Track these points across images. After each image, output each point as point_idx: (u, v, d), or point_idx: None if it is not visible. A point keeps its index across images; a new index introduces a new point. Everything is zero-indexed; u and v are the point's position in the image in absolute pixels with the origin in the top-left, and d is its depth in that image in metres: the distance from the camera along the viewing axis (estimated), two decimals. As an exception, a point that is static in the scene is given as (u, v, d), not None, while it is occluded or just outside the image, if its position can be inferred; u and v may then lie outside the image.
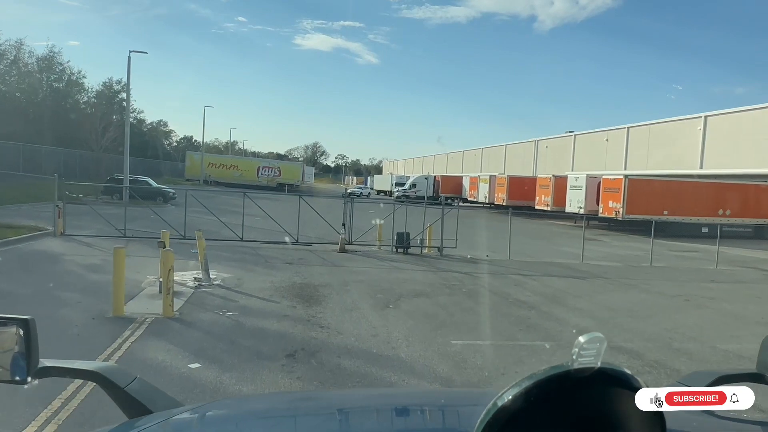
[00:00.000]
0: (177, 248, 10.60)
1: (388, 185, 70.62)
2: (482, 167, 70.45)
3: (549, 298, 10.82)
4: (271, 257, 13.86)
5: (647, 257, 19.94)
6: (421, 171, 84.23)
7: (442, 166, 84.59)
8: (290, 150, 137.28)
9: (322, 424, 1.36)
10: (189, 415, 1.35)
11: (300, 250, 15.43)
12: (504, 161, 68.11)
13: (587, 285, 12.86)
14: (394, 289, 10.71)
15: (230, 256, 13.53)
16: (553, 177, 36.49)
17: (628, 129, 48.37)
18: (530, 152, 63.29)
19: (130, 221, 16.88)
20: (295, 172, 66.34)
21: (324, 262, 13.75)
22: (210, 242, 14.80)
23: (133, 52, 27.87)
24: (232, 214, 18.45)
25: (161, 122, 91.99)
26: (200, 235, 10.19)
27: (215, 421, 1.36)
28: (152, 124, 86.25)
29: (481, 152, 76.35)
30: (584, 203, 32.56)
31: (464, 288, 11.44)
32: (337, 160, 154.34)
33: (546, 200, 36.45)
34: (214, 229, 16.41)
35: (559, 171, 44.07)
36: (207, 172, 60.29)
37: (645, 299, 11.51)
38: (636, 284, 13.31)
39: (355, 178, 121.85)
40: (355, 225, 16.84)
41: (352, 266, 13.26)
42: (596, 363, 0.72)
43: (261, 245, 15.65)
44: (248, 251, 14.57)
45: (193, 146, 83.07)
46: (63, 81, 47.41)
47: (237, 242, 15.54)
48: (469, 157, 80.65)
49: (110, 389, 1.35)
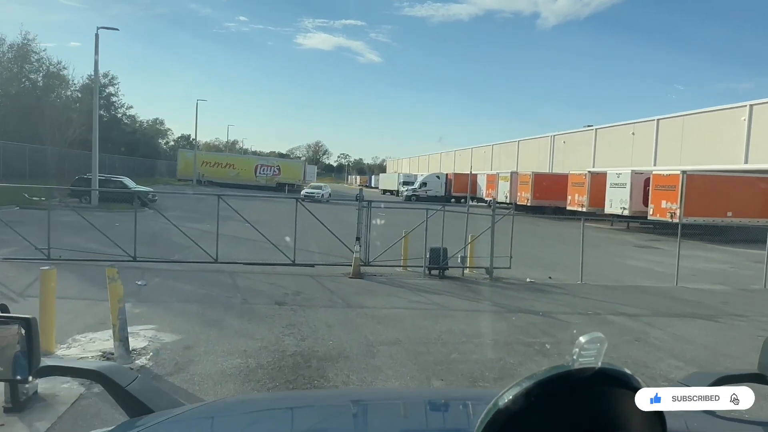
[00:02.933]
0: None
1: (395, 184, 66.35)
2: (493, 164, 66.68)
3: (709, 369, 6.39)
4: (253, 291, 9.42)
5: (746, 274, 15.53)
6: (427, 169, 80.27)
7: (450, 164, 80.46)
8: (292, 149, 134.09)
9: (323, 423, 1.35)
10: (190, 414, 1.33)
11: (298, 275, 11.01)
12: (517, 158, 64.18)
13: (736, 334, 8.42)
14: (452, 357, 6.29)
15: (192, 291, 9.10)
16: (589, 173, 32.03)
17: (657, 121, 44.05)
18: (546, 148, 59.41)
19: (80, 232, 12.51)
20: (296, 171, 61.75)
21: (332, 297, 9.30)
22: (169, 268, 10.71)
23: (101, 28, 23.49)
24: (221, 220, 13.94)
25: (157, 120, 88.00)
26: (113, 274, 5.70)
27: (216, 420, 1.36)
28: (148, 122, 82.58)
29: (492, 149, 72.35)
30: (629, 203, 28.13)
31: (561, 348, 7.01)
32: (340, 159, 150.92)
33: (580, 200, 31.98)
34: (184, 243, 12.01)
35: (579, 168, 40.67)
36: (200, 171, 55.81)
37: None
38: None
39: (358, 177, 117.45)
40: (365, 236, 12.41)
41: (374, 306, 8.82)
42: (597, 363, 0.71)
43: (242, 269, 11.22)
44: (222, 281, 10.13)
45: (190, 145, 78.89)
46: (41, 72, 43.08)
47: (210, 265, 11.11)
48: (478, 154, 76.66)
49: (111, 388, 1.33)
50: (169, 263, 11.08)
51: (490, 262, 11.93)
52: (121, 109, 59.68)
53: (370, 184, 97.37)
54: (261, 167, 59.74)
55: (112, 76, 56.90)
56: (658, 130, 43.34)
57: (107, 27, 23.55)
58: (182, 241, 12.28)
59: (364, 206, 11.65)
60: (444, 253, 11.90)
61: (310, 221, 12.70)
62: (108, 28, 23.70)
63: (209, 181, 55.04)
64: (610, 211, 29.27)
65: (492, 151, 71.31)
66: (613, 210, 29.03)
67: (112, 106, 58.22)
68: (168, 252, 12.41)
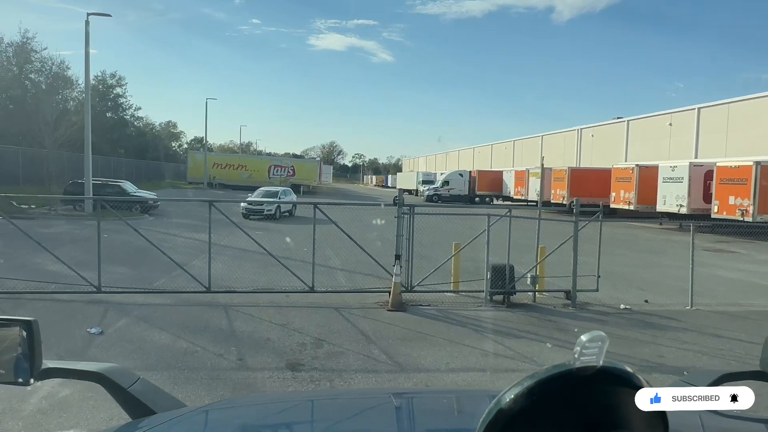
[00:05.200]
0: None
1: (413, 183, 63.35)
2: (515, 161, 63.72)
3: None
4: (255, 341, 6.50)
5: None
6: (445, 168, 77.24)
7: (468, 161, 77.55)
8: (306, 150, 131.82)
9: (324, 424, 1.34)
10: (192, 415, 1.32)
11: (318, 307, 8.11)
12: (540, 153, 61.13)
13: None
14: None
15: (166, 345, 6.17)
16: (637, 167, 28.71)
17: (698, 110, 40.90)
18: (572, 142, 56.49)
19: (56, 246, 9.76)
20: (311, 172, 59.01)
21: (370, 350, 6.34)
22: (146, 300, 7.57)
23: (91, 14, 20.87)
24: (226, 228, 10.86)
25: (170, 123, 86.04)
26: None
27: (218, 421, 1.35)
28: (160, 124, 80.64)
29: (513, 144, 69.47)
30: (686, 200, 24.83)
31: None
32: (354, 160, 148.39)
33: (627, 197, 28.68)
34: (177, 260, 9.15)
35: (608, 162, 37.89)
36: (211, 173, 53.28)
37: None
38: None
39: (374, 177, 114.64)
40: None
41: (435, 366, 5.85)
42: (598, 362, 0.70)
43: (244, 299, 8.36)
44: (213, 323, 7.22)
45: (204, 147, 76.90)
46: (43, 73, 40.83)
47: (201, 295, 8.26)
48: (499, 150, 73.83)
49: (113, 390, 1.32)
50: (145, 293, 8.27)
51: (573, 284, 8.95)
52: (129, 110, 57.44)
53: (387, 184, 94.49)
54: (274, 168, 57.12)
55: (120, 77, 54.77)
56: (699, 119, 40.17)
57: (98, 13, 21.00)
58: (176, 256, 9.50)
59: (406, 213, 8.64)
60: (511, 273, 8.94)
61: (329, 229, 9.80)
62: (99, 14, 21.14)
63: (220, 183, 52.57)
64: (663, 209, 25.98)
65: (513, 146, 68.32)
66: (667, 208, 25.73)
67: (119, 108, 56.10)
68: (151, 275, 9.63)
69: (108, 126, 49.31)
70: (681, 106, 43.04)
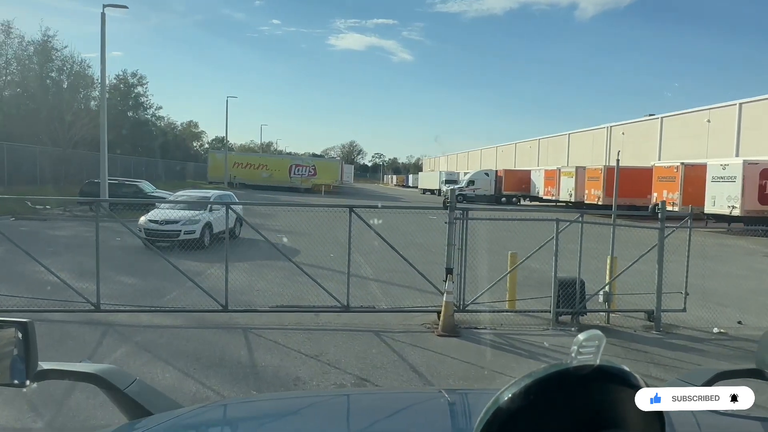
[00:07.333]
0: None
1: (436, 183, 61.88)
2: (539, 160, 61.88)
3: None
4: (282, 378, 5.18)
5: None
6: (467, 167, 75.59)
7: (491, 160, 75.79)
8: (326, 150, 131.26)
9: (323, 424, 1.30)
10: (189, 416, 1.29)
11: (354, 331, 6.78)
12: (567, 152, 59.21)
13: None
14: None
15: (171, 385, 4.88)
16: (682, 165, 26.85)
17: (740, 105, 38.81)
18: (601, 140, 54.50)
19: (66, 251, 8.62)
20: (333, 171, 57.85)
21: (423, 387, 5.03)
22: (151, 322, 6.19)
23: (108, 6, 19.93)
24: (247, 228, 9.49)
25: (191, 123, 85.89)
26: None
27: (215, 422, 1.35)
28: (182, 124, 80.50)
29: (538, 143, 67.62)
30: (740, 201, 22.95)
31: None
32: (374, 159, 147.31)
33: (671, 197, 26.82)
34: (193, 269, 7.90)
35: (640, 161, 36.30)
36: (232, 172, 52.45)
37: None
38: None
39: (395, 176, 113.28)
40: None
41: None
42: (595, 361, 0.69)
43: (266, 320, 7.07)
44: (230, 352, 5.91)
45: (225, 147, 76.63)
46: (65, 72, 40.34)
47: (217, 315, 7.00)
48: (522, 149, 72.03)
49: (110, 391, 1.31)
50: (152, 312, 7.03)
51: (657, 303, 7.47)
52: (150, 109, 57.02)
53: (407, 184, 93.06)
54: (295, 167, 56.11)
55: (141, 76, 54.38)
56: (741, 115, 38.06)
57: (114, 5, 20.02)
58: (190, 266, 8.28)
59: (458, 218, 7.24)
60: (581, 289, 7.50)
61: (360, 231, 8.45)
62: (115, 5, 20.15)
63: (241, 183, 51.76)
64: (712, 210, 24.09)
65: (539, 145, 66.44)
66: (717, 209, 23.84)
67: (141, 107, 55.72)
68: (161, 286, 8.41)
69: (128, 125, 48.92)
70: (719, 102, 40.99)
